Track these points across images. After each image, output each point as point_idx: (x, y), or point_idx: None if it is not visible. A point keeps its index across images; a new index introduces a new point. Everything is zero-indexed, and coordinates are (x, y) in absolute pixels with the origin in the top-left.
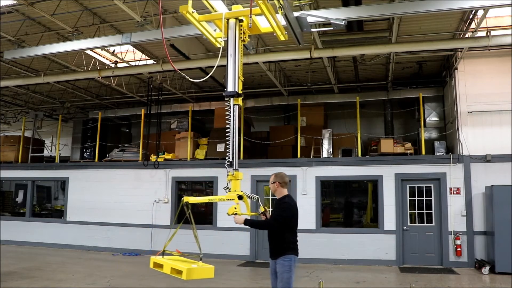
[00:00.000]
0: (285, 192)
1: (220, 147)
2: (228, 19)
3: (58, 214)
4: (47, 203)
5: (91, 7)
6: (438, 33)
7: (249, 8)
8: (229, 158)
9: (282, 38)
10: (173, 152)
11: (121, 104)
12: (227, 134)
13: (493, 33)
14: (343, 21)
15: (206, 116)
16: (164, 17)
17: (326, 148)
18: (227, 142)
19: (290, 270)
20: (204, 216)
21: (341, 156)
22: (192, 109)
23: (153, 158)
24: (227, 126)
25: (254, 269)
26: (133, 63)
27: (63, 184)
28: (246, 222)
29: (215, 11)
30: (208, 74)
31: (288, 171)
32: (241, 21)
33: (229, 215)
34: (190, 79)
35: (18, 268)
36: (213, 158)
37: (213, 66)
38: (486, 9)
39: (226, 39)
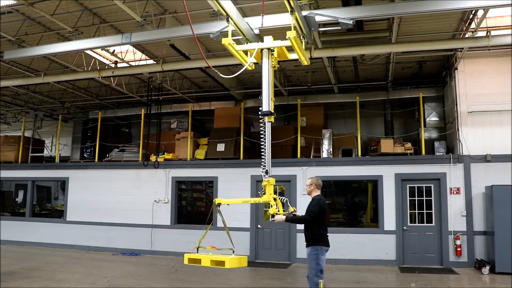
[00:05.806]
0: (316, 192)
1: (220, 147)
2: (262, 50)
3: (58, 214)
4: (47, 203)
5: (91, 7)
6: (438, 33)
7: (279, 41)
8: (265, 166)
9: (305, 63)
10: (173, 152)
11: (121, 104)
12: (261, 146)
13: (493, 33)
14: (351, 21)
15: (206, 116)
16: (164, 17)
17: (326, 148)
18: (262, 153)
19: (317, 258)
20: (204, 216)
21: (341, 156)
22: (192, 109)
23: (153, 158)
24: (261, 140)
25: (254, 269)
26: (133, 63)
27: (63, 184)
28: (288, 219)
29: (234, 22)
30: (208, 74)
31: (288, 171)
32: (272, 51)
33: (271, 214)
34: (222, 75)
35: (18, 268)
36: (213, 158)
37: (214, 66)
38: (486, 9)
39: (254, 62)
